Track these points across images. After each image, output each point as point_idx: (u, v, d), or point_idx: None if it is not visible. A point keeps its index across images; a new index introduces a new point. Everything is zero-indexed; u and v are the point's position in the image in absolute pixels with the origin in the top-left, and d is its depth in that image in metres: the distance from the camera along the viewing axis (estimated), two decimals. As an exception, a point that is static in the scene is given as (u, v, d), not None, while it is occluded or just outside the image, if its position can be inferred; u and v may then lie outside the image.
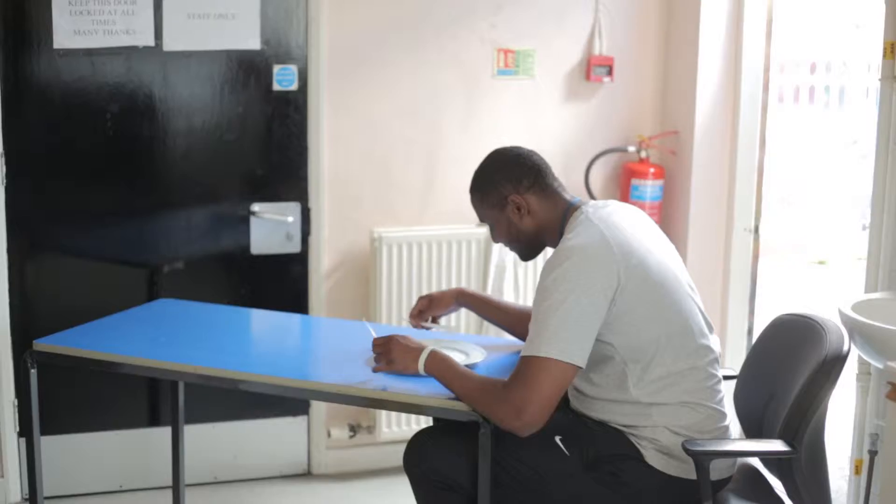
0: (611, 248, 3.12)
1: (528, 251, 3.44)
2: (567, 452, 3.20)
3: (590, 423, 3.25)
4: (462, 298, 3.76)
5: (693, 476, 3.10)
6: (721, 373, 3.33)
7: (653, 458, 3.17)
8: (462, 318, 4.90)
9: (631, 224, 3.27)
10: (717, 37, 5.04)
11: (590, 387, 3.24)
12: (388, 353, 3.34)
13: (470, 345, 3.58)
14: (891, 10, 4.10)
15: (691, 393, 3.19)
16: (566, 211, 3.31)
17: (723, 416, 3.26)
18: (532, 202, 3.32)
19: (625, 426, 3.20)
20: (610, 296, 3.09)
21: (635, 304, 3.12)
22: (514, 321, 3.70)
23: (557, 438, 3.21)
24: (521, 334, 3.50)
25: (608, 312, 3.10)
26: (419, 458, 3.31)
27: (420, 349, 3.28)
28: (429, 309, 3.75)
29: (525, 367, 3.06)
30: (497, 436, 3.15)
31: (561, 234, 3.26)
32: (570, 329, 3.04)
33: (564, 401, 3.29)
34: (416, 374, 3.28)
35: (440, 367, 3.24)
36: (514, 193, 3.32)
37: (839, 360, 3.15)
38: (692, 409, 3.18)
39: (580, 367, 3.07)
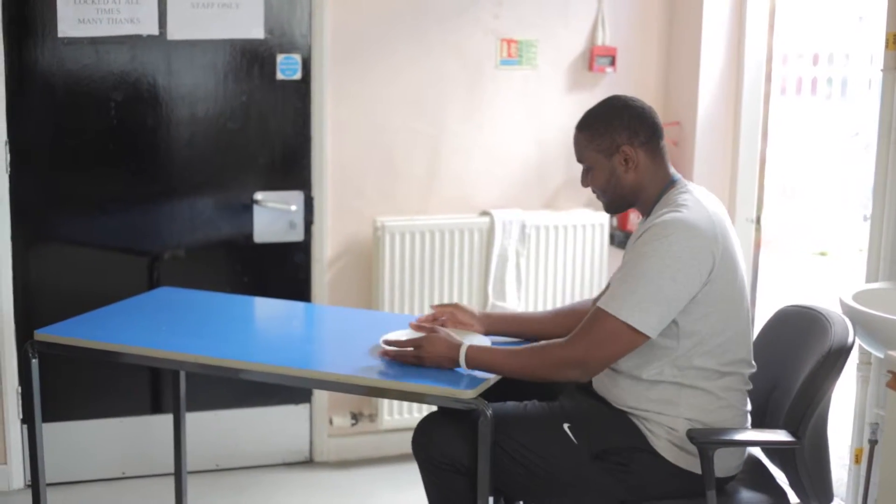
0: (715, 232, 3.13)
1: (616, 205, 3.34)
2: (575, 441, 3.20)
3: (605, 410, 3.25)
4: (492, 326, 3.60)
5: (699, 470, 3.12)
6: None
7: (665, 449, 3.17)
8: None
9: (723, 213, 3.28)
10: (719, 28, 5.04)
11: (631, 362, 3.20)
12: (431, 342, 3.28)
13: (475, 336, 3.53)
14: (893, 1, 4.10)
15: (727, 391, 3.20)
16: (667, 182, 3.27)
17: (747, 417, 3.29)
18: (642, 158, 3.24)
19: (644, 412, 3.19)
20: (704, 279, 3.09)
21: (718, 293, 3.13)
22: (550, 326, 3.58)
23: (566, 426, 3.22)
24: (555, 334, 3.41)
25: (696, 295, 3.09)
26: (427, 442, 3.34)
27: (458, 344, 3.24)
28: (452, 320, 3.60)
29: (601, 322, 3.07)
30: (503, 421, 3.17)
31: (655, 202, 3.24)
32: (658, 302, 3.05)
33: (580, 384, 3.31)
34: (449, 367, 3.26)
35: (483, 356, 3.22)
36: (628, 144, 3.23)
37: (844, 351, 3.15)
38: (722, 407, 3.20)
39: (648, 338, 3.08)
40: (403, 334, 3.48)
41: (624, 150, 3.23)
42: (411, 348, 3.30)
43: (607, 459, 3.20)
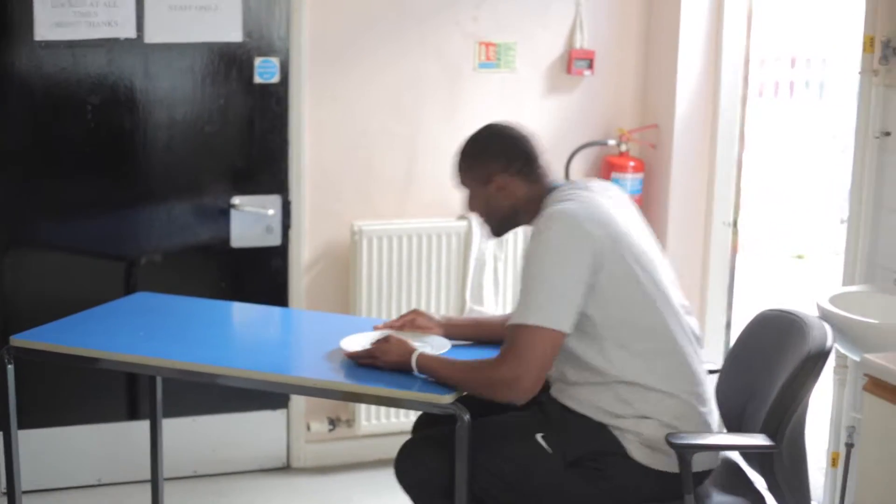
0: (595, 215, 3.16)
1: (498, 228, 3.44)
2: (549, 450, 3.21)
3: (571, 417, 3.25)
4: (451, 330, 3.64)
5: (676, 469, 3.12)
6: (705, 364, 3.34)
7: (637, 453, 3.18)
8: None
9: (609, 197, 3.32)
10: (697, 31, 5.05)
11: (573, 371, 3.23)
12: (384, 352, 3.32)
13: (435, 338, 3.56)
14: (870, 4, 4.12)
15: (671, 377, 3.21)
16: (547, 193, 3.31)
17: (703, 401, 3.27)
18: (516, 186, 3.32)
19: (607, 417, 3.19)
20: (590, 262, 3.11)
21: (616, 278, 3.15)
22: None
23: (539, 436, 3.22)
24: None
25: (591, 281, 3.11)
26: (411, 468, 3.36)
27: (411, 351, 3.28)
28: (410, 325, 3.65)
29: (514, 336, 3.10)
30: (479, 437, 3.17)
31: (538, 215, 3.27)
32: (555, 297, 3.08)
33: (544, 390, 3.30)
34: (405, 372, 3.28)
35: (431, 364, 3.25)
36: (502, 173, 3.31)
37: (822, 356, 3.16)
38: (672, 397, 3.19)
39: (567, 334, 3.10)
40: (362, 337, 3.52)
41: (497, 181, 3.31)
42: (369, 356, 3.34)
43: (582, 465, 3.20)
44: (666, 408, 3.18)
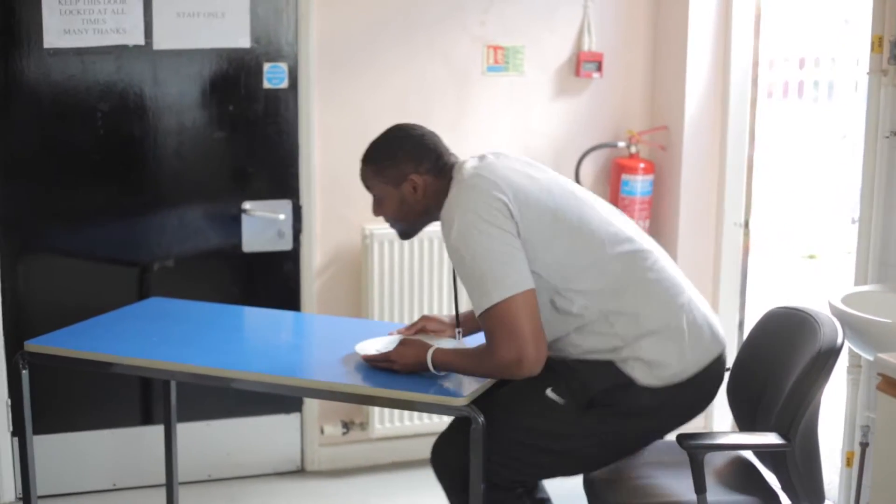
0: (492, 179, 3.19)
1: (410, 229, 3.47)
2: (561, 400, 3.23)
3: (572, 364, 3.26)
4: (464, 326, 3.66)
5: (687, 376, 3.19)
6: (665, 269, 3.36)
7: (644, 377, 3.20)
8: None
9: (506, 158, 3.36)
10: (705, 32, 5.05)
11: (552, 328, 3.24)
12: (401, 355, 3.32)
13: (448, 340, 3.57)
14: (878, 4, 4.12)
15: (642, 294, 3.24)
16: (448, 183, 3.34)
17: (678, 290, 3.30)
18: (429, 184, 3.35)
19: (605, 354, 3.22)
20: (510, 218, 3.14)
21: (535, 227, 3.17)
22: None
23: (549, 391, 3.24)
24: None
25: (520, 237, 3.15)
26: (447, 463, 3.38)
27: (426, 350, 3.28)
28: (423, 332, 3.67)
29: (491, 322, 3.11)
30: (495, 415, 3.19)
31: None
32: (503, 264, 3.10)
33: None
34: (423, 371, 3.30)
35: (446, 357, 3.26)
36: (415, 173, 3.35)
37: (833, 353, 3.16)
38: (651, 309, 3.23)
39: (533, 288, 3.11)
40: (377, 341, 3.55)
41: (412, 179, 3.35)
42: (386, 359, 3.35)
43: (597, 406, 3.23)
44: (653, 321, 3.22)
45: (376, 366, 3.37)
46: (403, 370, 3.30)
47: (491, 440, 3.19)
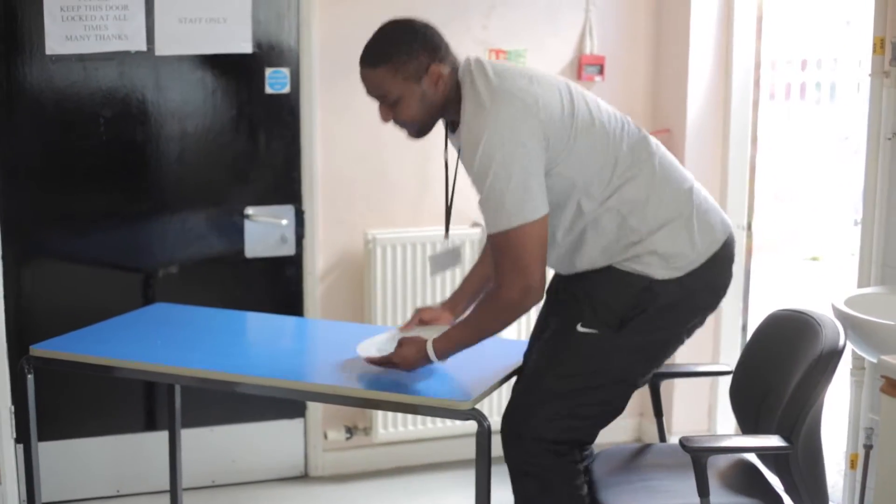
0: (517, 99, 3.10)
1: (428, 128, 3.29)
2: (595, 331, 3.21)
3: (589, 288, 3.26)
4: (457, 307, 3.59)
5: (702, 260, 3.22)
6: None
7: (663, 271, 3.20)
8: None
9: (505, 65, 3.28)
10: (707, 35, 5.05)
11: (566, 237, 3.24)
12: (403, 358, 3.28)
13: (442, 327, 3.46)
14: (880, 6, 4.12)
15: (650, 188, 3.23)
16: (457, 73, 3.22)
17: (683, 176, 3.31)
18: (447, 74, 3.19)
19: (621, 253, 3.21)
20: (540, 137, 3.09)
21: (560, 134, 3.13)
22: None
23: (578, 326, 3.23)
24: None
25: (547, 155, 3.11)
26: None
27: (423, 345, 3.25)
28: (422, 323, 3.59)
29: (505, 245, 3.08)
30: (539, 385, 3.21)
31: (457, 102, 3.19)
32: (525, 189, 3.05)
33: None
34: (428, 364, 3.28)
35: (447, 342, 3.24)
36: (434, 62, 3.16)
37: (835, 354, 3.16)
38: (661, 195, 3.23)
39: (548, 213, 3.10)
40: (377, 340, 3.54)
41: (433, 71, 3.16)
42: (388, 362, 3.33)
43: (630, 321, 3.21)
44: (666, 210, 3.22)
45: (380, 366, 3.35)
46: (409, 369, 3.29)
47: (541, 406, 3.20)
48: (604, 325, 3.21)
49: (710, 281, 3.28)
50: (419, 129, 3.28)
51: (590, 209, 3.19)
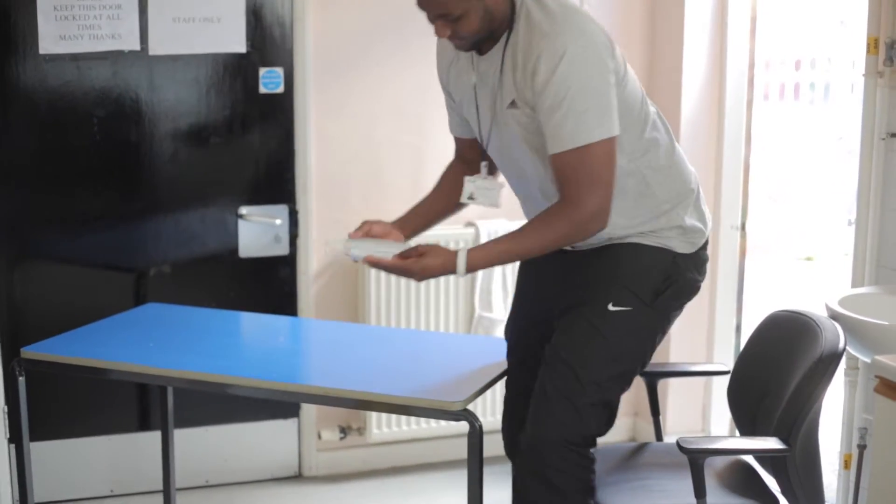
0: (589, 18, 3.10)
1: (480, 42, 3.14)
2: (629, 307, 3.16)
3: (613, 265, 3.21)
4: (406, 228, 3.39)
5: (706, 236, 3.31)
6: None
7: (682, 246, 3.23)
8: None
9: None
10: (701, 34, 5.05)
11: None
12: (424, 268, 3.10)
13: (393, 243, 3.27)
14: (874, 6, 4.12)
15: (671, 158, 3.27)
16: None
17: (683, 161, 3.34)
18: None
19: (648, 224, 3.20)
20: (612, 62, 3.06)
21: (618, 70, 3.10)
22: (453, 199, 3.48)
23: (610, 306, 3.16)
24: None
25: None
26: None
27: (453, 258, 3.08)
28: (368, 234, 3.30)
29: (584, 160, 2.99)
30: (571, 373, 3.12)
31: (509, 19, 3.09)
32: (607, 104, 3.00)
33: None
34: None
35: (485, 255, 3.12)
36: None
37: (835, 357, 3.16)
38: (683, 170, 3.30)
39: (618, 135, 3.04)
40: (372, 243, 3.24)
41: None
42: (405, 270, 3.14)
43: (661, 294, 3.20)
44: (681, 181, 3.27)
45: (384, 269, 3.16)
46: (422, 280, 3.16)
47: (579, 402, 3.11)
48: (638, 300, 3.16)
49: (705, 260, 3.34)
50: (473, 44, 3.14)
51: (619, 163, 3.10)
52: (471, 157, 3.48)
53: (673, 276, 3.20)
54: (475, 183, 3.35)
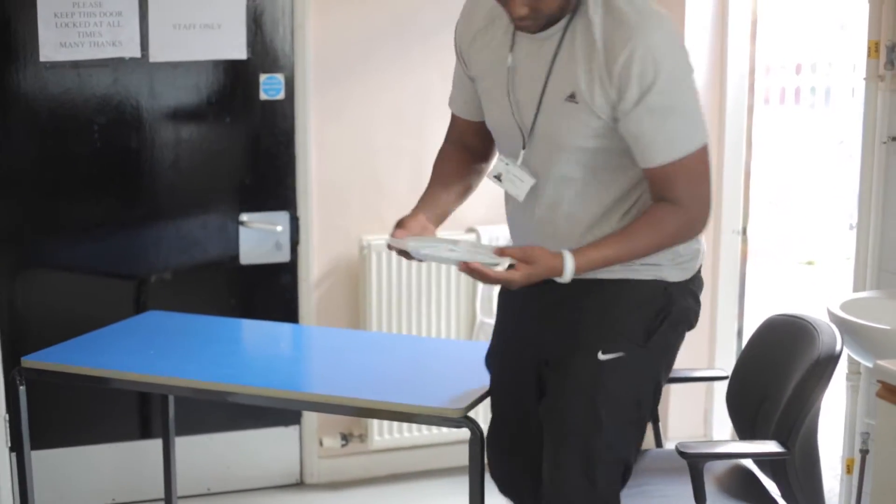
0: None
1: (551, 24, 2.86)
2: (621, 353, 2.94)
3: (604, 306, 2.96)
4: (436, 223, 3.12)
5: (700, 262, 3.07)
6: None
7: (675, 274, 3.00)
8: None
9: None
10: (701, 38, 5.04)
11: (598, 218, 2.95)
12: (526, 280, 2.86)
13: (460, 240, 3.13)
14: (874, 10, 4.12)
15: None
16: None
17: None
18: None
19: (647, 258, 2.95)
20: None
21: None
22: (462, 193, 3.24)
23: (600, 356, 2.93)
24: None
25: None
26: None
27: (560, 264, 2.84)
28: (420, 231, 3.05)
29: (691, 167, 2.86)
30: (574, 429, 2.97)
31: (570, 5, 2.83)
32: (700, 110, 2.91)
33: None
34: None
35: (592, 259, 2.88)
36: None
37: (832, 360, 3.16)
38: None
39: None
40: (440, 244, 2.99)
41: None
42: (506, 280, 2.89)
43: (655, 332, 2.98)
44: None
45: (481, 278, 2.86)
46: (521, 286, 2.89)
47: (586, 463, 2.94)
48: (630, 343, 2.95)
49: (700, 286, 3.14)
50: (545, 24, 2.85)
51: (623, 187, 2.95)
52: (473, 143, 3.23)
53: (666, 309, 2.99)
54: (508, 167, 3.03)
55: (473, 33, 3.10)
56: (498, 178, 3.04)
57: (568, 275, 2.85)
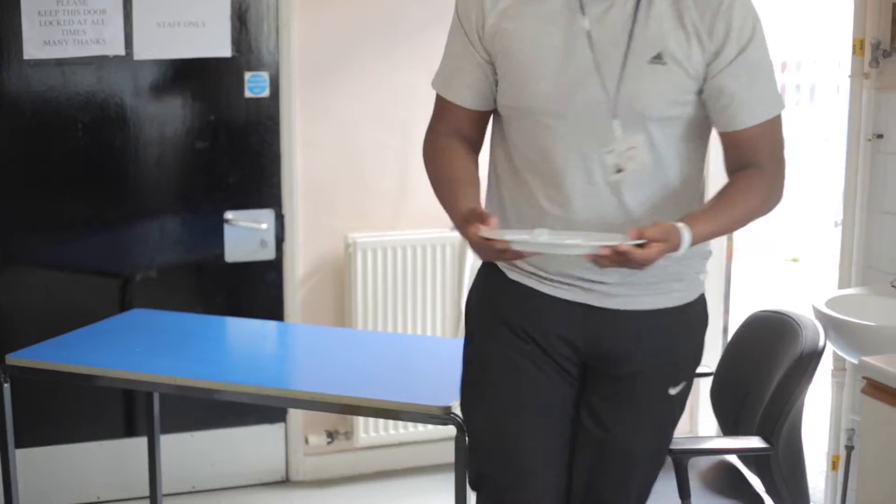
0: None
1: None
2: (685, 382, 2.82)
3: (666, 335, 2.74)
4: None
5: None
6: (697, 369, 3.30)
7: (698, 288, 2.81)
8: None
9: None
10: (687, 37, 5.04)
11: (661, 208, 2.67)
12: (646, 262, 2.46)
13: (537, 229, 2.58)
14: (859, 7, 4.13)
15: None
16: None
17: None
18: None
19: (696, 268, 2.79)
20: None
21: None
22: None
23: (670, 390, 2.79)
24: None
25: None
26: None
27: (677, 234, 2.49)
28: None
29: (774, 131, 2.69)
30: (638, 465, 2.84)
31: None
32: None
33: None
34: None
35: (707, 229, 2.60)
36: None
37: (815, 355, 3.17)
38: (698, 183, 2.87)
39: None
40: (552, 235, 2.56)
41: None
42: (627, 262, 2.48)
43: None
44: (700, 199, 2.83)
45: (627, 262, 2.44)
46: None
47: (647, 485, 2.84)
48: (691, 371, 2.84)
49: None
50: None
51: (690, 174, 2.79)
52: (472, 135, 2.95)
53: (706, 322, 2.85)
54: (614, 149, 2.65)
55: (492, 3, 2.82)
56: (619, 170, 2.67)
57: (684, 248, 2.52)
